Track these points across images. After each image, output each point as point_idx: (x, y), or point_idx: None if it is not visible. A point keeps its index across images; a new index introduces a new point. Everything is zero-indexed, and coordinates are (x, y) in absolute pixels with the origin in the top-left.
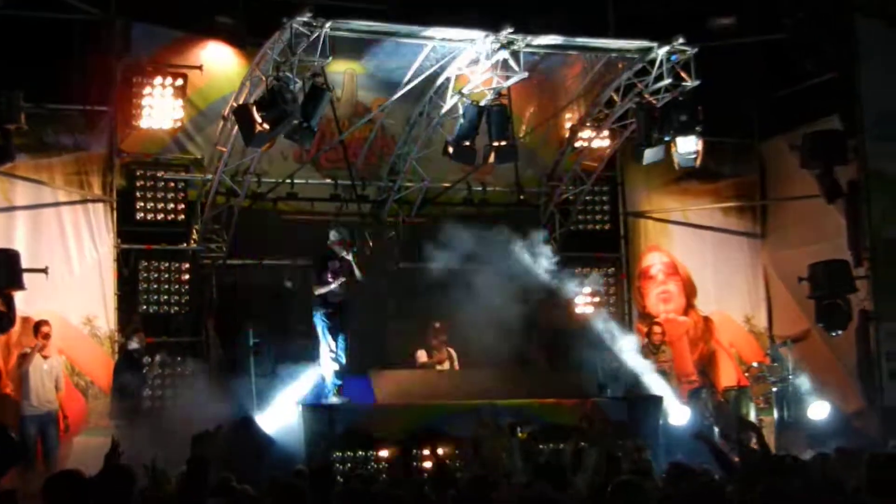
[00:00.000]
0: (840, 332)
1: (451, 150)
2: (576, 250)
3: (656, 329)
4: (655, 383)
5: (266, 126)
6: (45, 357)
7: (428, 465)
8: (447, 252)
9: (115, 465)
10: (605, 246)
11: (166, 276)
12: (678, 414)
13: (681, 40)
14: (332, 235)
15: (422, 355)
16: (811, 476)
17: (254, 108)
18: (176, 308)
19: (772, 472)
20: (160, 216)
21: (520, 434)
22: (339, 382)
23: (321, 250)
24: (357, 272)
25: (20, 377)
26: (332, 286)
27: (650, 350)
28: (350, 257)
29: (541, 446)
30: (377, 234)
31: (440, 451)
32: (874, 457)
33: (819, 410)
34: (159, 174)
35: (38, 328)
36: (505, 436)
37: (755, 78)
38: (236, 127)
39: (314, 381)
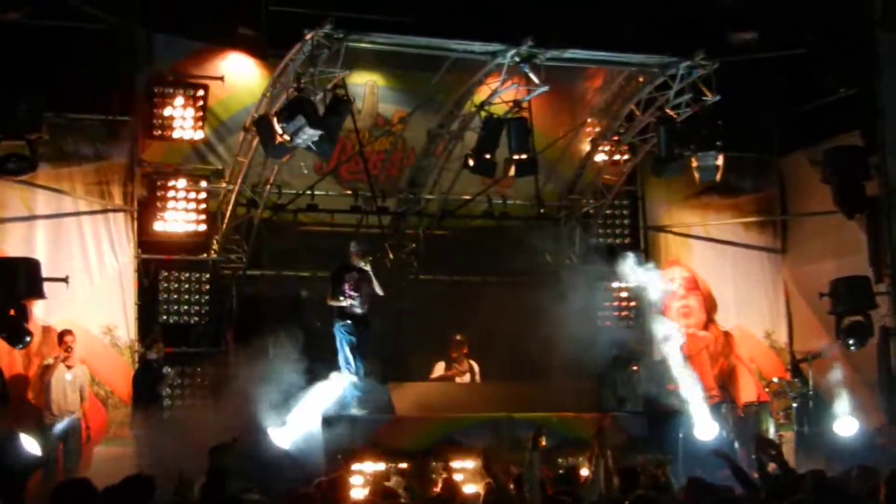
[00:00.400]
0: (855, 346)
1: (471, 162)
2: (596, 264)
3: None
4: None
5: (286, 137)
6: (68, 367)
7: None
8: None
9: (136, 475)
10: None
11: (186, 286)
12: (701, 428)
13: (702, 55)
14: (352, 247)
15: (440, 367)
16: (834, 493)
17: (274, 120)
18: (196, 318)
19: (796, 489)
20: (181, 226)
21: (542, 443)
22: (359, 394)
23: (341, 262)
24: (377, 287)
25: (42, 387)
26: (344, 303)
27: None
28: (368, 268)
29: (559, 460)
30: (397, 246)
31: (455, 464)
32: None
33: (846, 426)
34: (180, 184)
35: (61, 338)
36: (524, 449)
37: (776, 93)
38: (257, 138)
39: (334, 393)
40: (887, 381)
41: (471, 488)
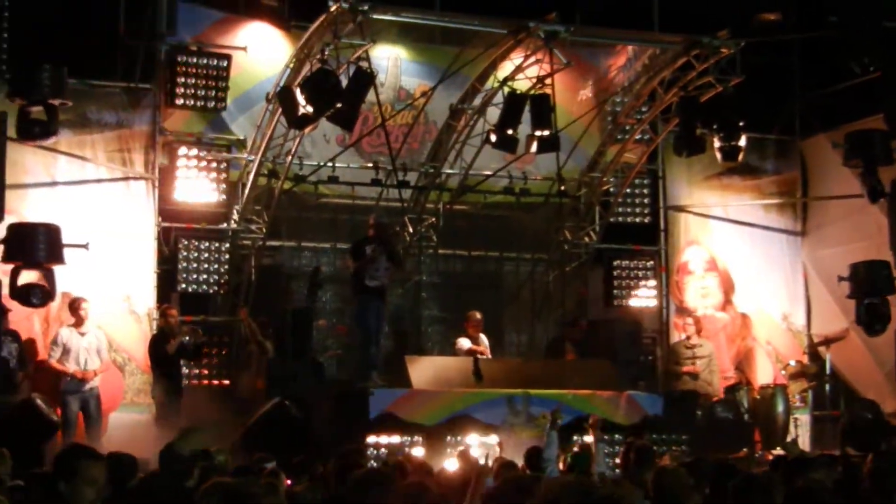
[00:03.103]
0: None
1: (493, 138)
2: (615, 243)
3: (688, 321)
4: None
5: (309, 109)
6: (81, 334)
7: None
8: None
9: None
10: (645, 239)
11: (206, 255)
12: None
13: (726, 35)
14: (371, 220)
15: (464, 343)
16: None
17: (297, 91)
18: (215, 287)
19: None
20: (201, 196)
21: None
22: (375, 367)
23: (360, 235)
24: (395, 261)
25: (57, 353)
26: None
27: (685, 346)
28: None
29: (574, 437)
30: (417, 220)
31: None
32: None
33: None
34: (201, 154)
35: (74, 305)
36: (539, 426)
37: (799, 75)
38: (279, 109)
39: (350, 366)
40: None
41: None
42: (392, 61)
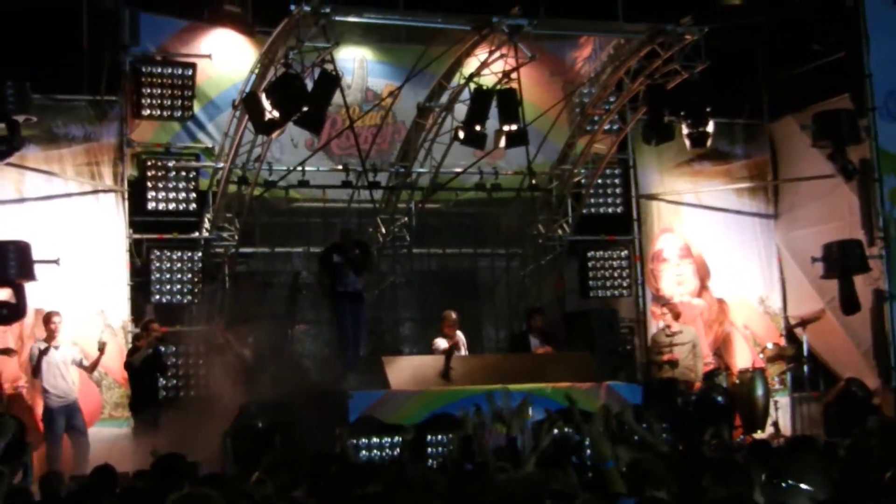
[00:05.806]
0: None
1: (461, 134)
2: (588, 234)
3: (664, 310)
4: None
5: (275, 114)
6: (55, 347)
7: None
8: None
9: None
10: (618, 229)
11: (178, 265)
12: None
13: (689, 21)
14: (340, 229)
15: (441, 343)
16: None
17: (263, 96)
18: (189, 297)
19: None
20: (172, 205)
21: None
22: (354, 369)
23: (330, 244)
24: (365, 271)
25: (37, 371)
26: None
27: (665, 334)
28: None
29: (555, 431)
30: (389, 220)
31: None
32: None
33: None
34: (170, 164)
35: (48, 319)
36: (516, 420)
37: (764, 57)
38: (246, 115)
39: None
40: (881, 345)
41: None
42: (357, 62)
